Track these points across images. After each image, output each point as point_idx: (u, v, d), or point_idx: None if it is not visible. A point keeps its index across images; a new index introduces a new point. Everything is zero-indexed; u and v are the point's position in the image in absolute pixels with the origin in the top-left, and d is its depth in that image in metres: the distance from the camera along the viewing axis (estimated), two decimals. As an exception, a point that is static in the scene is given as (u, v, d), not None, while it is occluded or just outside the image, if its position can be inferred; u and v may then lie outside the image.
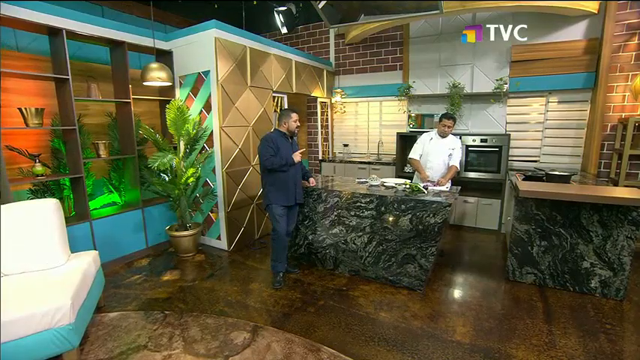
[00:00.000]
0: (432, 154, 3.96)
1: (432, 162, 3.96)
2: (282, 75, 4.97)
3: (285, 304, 3.01)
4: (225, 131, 4.08)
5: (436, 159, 3.94)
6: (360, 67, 6.17)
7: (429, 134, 4.07)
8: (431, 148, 3.97)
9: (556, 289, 3.23)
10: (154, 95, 4.45)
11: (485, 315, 2.83)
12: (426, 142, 4.02)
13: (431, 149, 3.97)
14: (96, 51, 3.99)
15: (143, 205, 4.12)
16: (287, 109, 3.35)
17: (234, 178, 4.27)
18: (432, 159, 3.96)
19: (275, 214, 3.27)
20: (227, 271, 3.73)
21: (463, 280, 3.51)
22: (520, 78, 4.76)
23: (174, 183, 3.96)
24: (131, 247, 4.04)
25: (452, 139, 3.96)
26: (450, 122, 3.85)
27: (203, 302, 3.06)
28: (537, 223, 3.20)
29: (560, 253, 3.16)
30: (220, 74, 3.94)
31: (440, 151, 3.92)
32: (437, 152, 3.93)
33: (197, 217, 4.50)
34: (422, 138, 4.07)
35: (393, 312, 2.87)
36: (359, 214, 3.41)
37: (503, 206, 4.85)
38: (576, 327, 2.66)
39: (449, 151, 3.89)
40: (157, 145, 3.88)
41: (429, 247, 3.11)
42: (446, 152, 3.90)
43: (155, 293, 3.25)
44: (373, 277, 3.42)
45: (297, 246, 3.86)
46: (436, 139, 3.97)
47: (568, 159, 4.77)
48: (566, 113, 4.71)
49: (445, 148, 3.91)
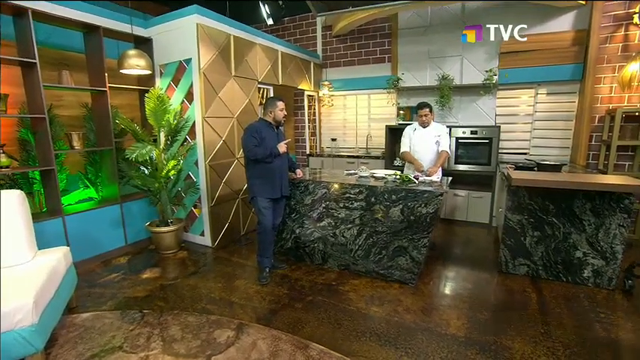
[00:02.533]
0: (419, 145, 3.92)
1: (420, 152, 3.91)
2: (267, 66, 4.89)
3: (272, 300, 2.95)
4: (209, 122, 3.99)
5: (424, 149, 3.90)
6: (347, 59, 6.11)
7: (412, 126, 4.04)
8: (416, 139, 3.94)
9: (549, 280, 3.22)
10: (133, 85, 4.27)
11: (480, 307, 2.80)
12: (411, 133, 3.99)
13: (416, 140, 3.94)
14: (69, 38, 3.76)
15: (122, 200, 4.00)
16: (273, 98, 3.30)
17: (218, 171, 4.18)
18: (420, 149, 3.91)
19: (260, 207, 3.21)
20: (211, 268, 3.66)
21: (456, 273, 3.50)
22: (509, 69, 4.77)
23: (154, 176, 3.85)
24: (109, 244, 3.91)
25: (436, 126, 3.93)
26: (426, 111, 3.82)
27: (185, 300, 2.98)
28: (530, 213, 3.19)
29: (553, 243, 3.15)
30: (203, 63, 3.84)
31: (426, 141, 3.89)
32: (423, 142, 3.90)
33: (179, 212, 4.41)
34: (406, 130, 4.05)
35: (385, 306, 2.83)
36: (348, 205, 3.36)
37: (494, 199, 4.86)
38: (571, 317, 2.66)
39: (435, 138, 3.86)
40: (136, 136, 3.75)
41: (421, 238, 3.07)
42: (432, 140, 3.87)
43: (133, 292, 3.15)
44: (363, 271, 3.37)
45: (284, 240, 3.80)
46: (419, 129, 3.94)
47: (557, 151, 4.79)
48: (555, 105, 4.72)
49: (431, 137, 3.87)
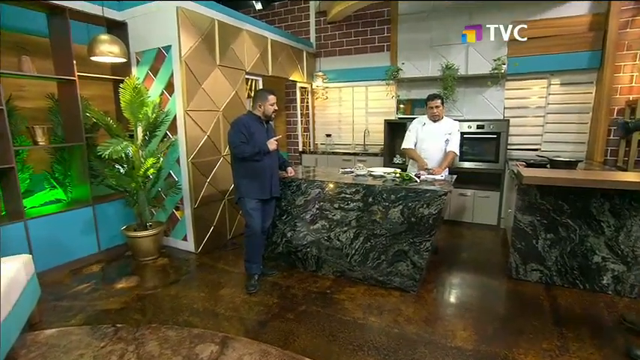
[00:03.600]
0: (427, 141, 3.83)
1: (427, 150, 3.83)
2: (256, 54, 4.84)
3: (261, 310, 2.92)
4: (191, 116, 3.94)
5: (432, 146, 3.81)
6: (343, 48, 6.07)
7: (420, 120, 3.96)
8: (425, 134, 3.85)
9: (565, 287, 3.18)
10: (106, 74, 4.19)
11: (488, 317, 2.76)
12: (419, 128, 3.90)
13: (425, 136, 3.85)
14: (31, 19, 3.64)
15: (94, 201, 3.91)
16: (263, 90, 3.28)
17: (201, 169, 4.13)
18: (427, 146, 3.83)
19: (248, 209, 3.18)
20: (194, 275, 3.64)
21: (461, 280, 3.47)
22: (519, 58, 4.72)
23: (130, 175, 3.79)
24: (79, 251, 3.82)
25: (448, 122, 3.85)
26: (438, 102, 3.74)
27: (165, 312, 2.94)
28: (542, 213, 3.15)
29: (568, 247, 3.11)
30: (184, 50, 3.79)
31: (435, 137, 3.80)
32: (432, 138, 3.81)
33: (159, 215, 4.35)
34: (413, 124, 3.97)
35: (384, 316, 2.79)
36: (344, 206, 3.33)
37: (503, 199, 4.82)
38: (590, 329, 2.60)
39: (445, 136, 3.77)
40: (110, 130, 3.68)
41: (423, 241, 3.03)
42: (442, 138, 3.78)
43: (106, 304, 3.08)
44: (361, 277, 3.34)
45: (274, 245, 3.77)
46: (429, 124, 3.86)
47: (572, 146, 4.75)
48: (570, 96, 4.68)
49: (441, 133, 3.78)
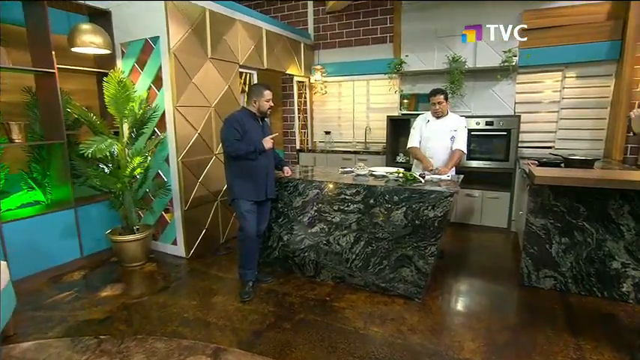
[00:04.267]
0: (432, 139, 3.83)
1: (432, 148, 3.83)
2: (250, 46, 4.82)
3: (256, 319, 2.91)
4: (181, 112, 3.92)
5: (436, 144, 3.80)
6: (343, 39, 6.04)
7: (424, 116, 3.96)
8: (429, 131, 3.85)
9: (581, 295, 3.15)
10: (89, 66, 4.15)
11: (499, 327, 2.73)
12: (423, 125, 3.91)
13: (429, 133, 3.85)
14: (5, 7, 3.58)
15: (76, 204, 3.87)
16: (258, 85, 3.28)
17: (192, 169, 4.11)
18: (432, 144, 3.83)
19: (242, 211, 3.18)
20: (184, 282, 3.64)
21: (469, 286, 3.47)
22: (532, 49, 4.67)
23: (116, 175, 3.76)
24: (60, 257, 3.78)
25: (453, 118, 3.83)
26: (440, 97, 3.72)
27: (152, 322, 2.91)
28: (556, 216, 3.12)
29: (584, 252, 3.08)
30: (173, 42, 3.76)
31: (440, 134, 3.79)
32: (437, 136, 3.80)
33: (147, 217, 4.34)
34: (417, 121, 3.97)
35: (387, 326, 2.78)
36: (343, 208, 3.32)
37: (514, 200, 4.79)
38: (609, 340, 2.56)
39: (451, 132, 3.75)
40: (93, 127, 3.64)
41: (428, 246, 3.02)
42: (447, 135, 3.77)
43: (89, 314, 3.05)
44: (362, 284, 3.34)
45: (269, 249, 3.76)
46: (433, 121, 3.86)
47: (588, 144, 4.72)
48: (586, 90, 4.64)
49: (446, 130, 3.77)
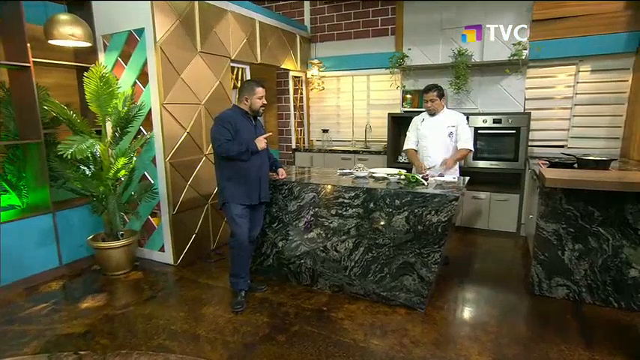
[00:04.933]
0: (429, 138, 3.86)
1: (429, 148, 3.86)
2: (242, 39, 4.81)
3: (248, 331, 2.90)
4: (169, 110, 3.90)
5: (434, 143, 3.83)
6: (342, 31, 6.06)
7: (419, 116, 4.03)
8: (425, 130, 3.89)
9: (596, 306, 3.13)
10: (68, 60, 4.11)
11: (507, 339, 2.72)
12: (418, 124, 3.96)
13: (425, 132, 3.89)
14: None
15: (55, 208, 3.84)
16: (250, 81, 3.29)
17: (181, 170, 4.11)
18: (429, 143, 3.86)
19: (233, 216, 3.17)
20: (172, 291, 3.63)
21: (476, 295, 3.47)
22: (543, 41, 4.69)
23: (98, 178, 3.73)
24: (36, 265, 3.74)
25: (450, 114, 3.86)
26: (432, 94, 3.76)
27: (137, 335, 2.88)
28: (569, 221, 3.10)
29: (599, 259, 3.05)
30: (159, 34, 3.73)
31: (437, 132, 3.82)
32: (433, 134, 3.84)
33: (132, 222, 4.33)
34: (413, 122, 4.03)
35: (388, 338, 2.78)
36: (342, 212, 3.33)
37: (523, 203, 4.79)
38: (627, 354, 2.53)
39: (448, 129, 3.79)
40: (73, 126, 3.60)
41: (432, 252, 3.02)
42: (444, 132, 3.80)
43: (68, 327, 3.00)
44: (361, 293, 3.34)
45: (263, 256, 3.77)
46: (428, 118, 3.91)
47: (604, 142, 4.72)
48: (602, 85, 4.64)
49: (442, 127, 3.80)
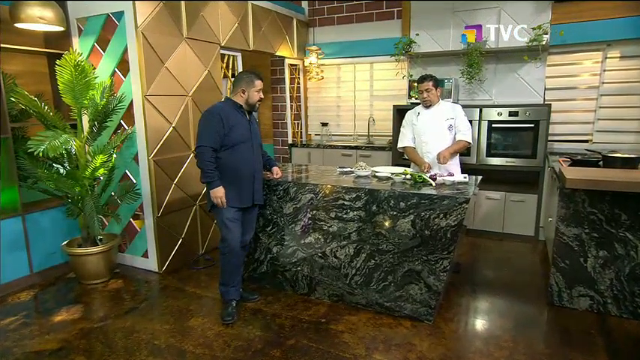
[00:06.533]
0: (426, 132, 3.94)
1: (429, 143, 3.93)
2: (234, 24, 4.82)
3: (240, 346, 2.91)
4: (152, 102, 3.92)
5: (432, 137, 3.90)
6: (343, 15, 6.06)
7: (414, 110, 4.11)
8: (422, 124, 3.96)
9: (622, 318, 3.14)
10: (38, 46, 4.12)
11: (524, 356, 2.71)
12: (413, 120, 4.04)
13: (422, 127, 3.96)
14: None
15: (24, 210, 3.86)
16: (249, 73, 3.22)
17: (166, 168, 4.13)
18: (427, 139, 3.93)
19: (224, 219, 3.19)
20: (156, 302, 3.65)
21: (489, 306, 3.48)
22: (566, 25, 4.69)
23: (74, 177, 3.73)
24: (4, 274, 3.73)
25: (446, 106, 3.96)
26: (428, 84, 3.83)
27: (117, 351, 2.88)
28: (593, 225, 3.11)
29: (627, 268, 3.06)
30: (141, 18, 3.72)
31: (434, 125, 3.89)
32: (431, 128, 3.91)
33: (112, 226, 4.36)
34: (407, 117, 4.12)
35: (393, 353, 2.79)
36: (342, 215, 3.34)
37: (542, 204, 4.80)
38: None
39: (447, 122, 3.88)
40: (44, 120, 3.61)
41: (440, 259, 3.04)
42: (443, 124, 3.88)
43: (40, 343, 3.00)
44: (363, 303, 3.37)
45: (256, 262, 3.80)
46: (424, 112, 3.99)
47: (634, 137, 4.73)
48: (632, 73, 4.62)
49: (440, 120, 3.88)
